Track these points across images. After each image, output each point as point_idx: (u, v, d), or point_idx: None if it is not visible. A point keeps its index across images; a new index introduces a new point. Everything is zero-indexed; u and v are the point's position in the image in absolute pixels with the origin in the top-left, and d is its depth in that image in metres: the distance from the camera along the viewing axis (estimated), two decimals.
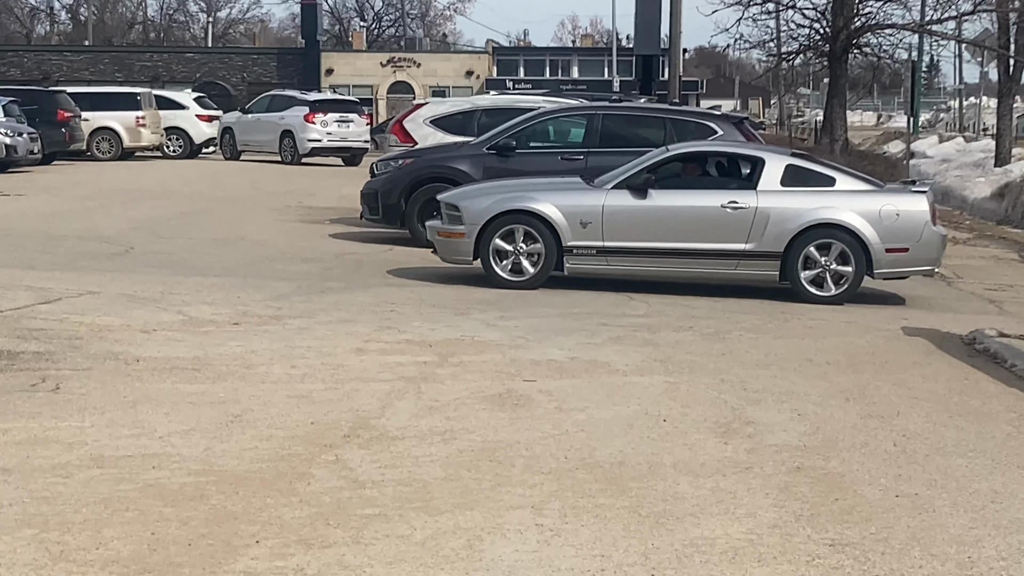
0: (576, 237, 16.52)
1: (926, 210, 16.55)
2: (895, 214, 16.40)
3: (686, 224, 16.50)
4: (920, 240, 16.48)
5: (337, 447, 8.56)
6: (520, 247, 16.62)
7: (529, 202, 16.70)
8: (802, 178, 16.64)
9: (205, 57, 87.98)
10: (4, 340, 11.73)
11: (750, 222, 16.36)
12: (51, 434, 8.67)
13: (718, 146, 18.51)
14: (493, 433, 9.06)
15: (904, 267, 16.67)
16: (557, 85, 76.78)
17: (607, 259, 16.62)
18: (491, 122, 23.41)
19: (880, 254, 16.30)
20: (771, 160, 16.83)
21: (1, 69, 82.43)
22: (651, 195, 16.58)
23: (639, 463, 8.40)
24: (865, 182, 17.10)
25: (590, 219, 16.52)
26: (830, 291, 16.32)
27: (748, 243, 16.38)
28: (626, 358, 11.96)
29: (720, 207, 16.43)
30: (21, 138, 36.89)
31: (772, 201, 16.40)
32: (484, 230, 16.64)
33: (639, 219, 16.55)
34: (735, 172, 17.17)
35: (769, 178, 16.56)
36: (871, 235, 16.27)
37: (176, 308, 13.92)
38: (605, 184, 16.85)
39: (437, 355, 11.83)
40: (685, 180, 17.04)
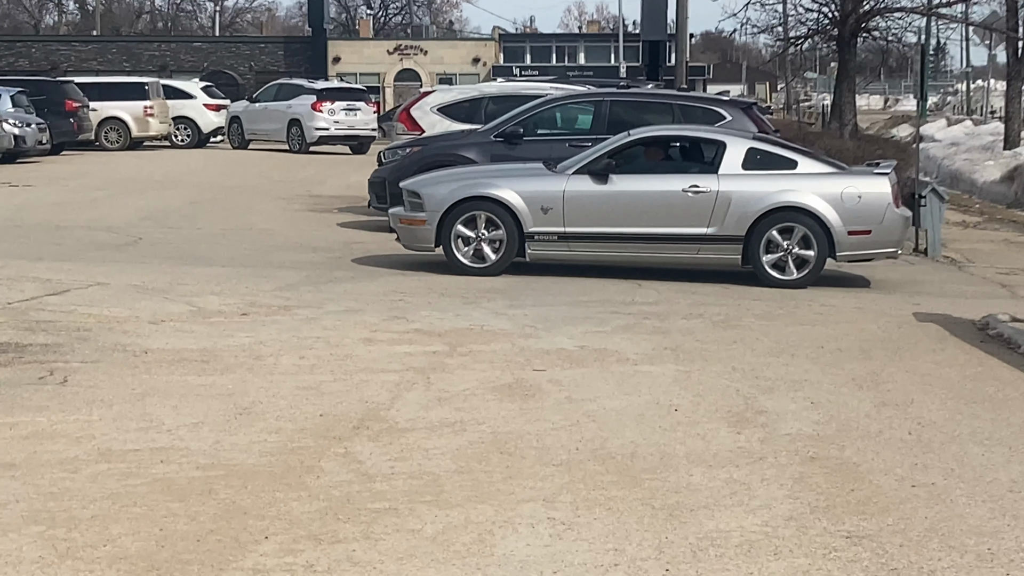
0: (538, 223, 16.46)
1: (888, 192, 16.45)
2: (857, 196, 16.31)
3: (647, 209, 16.45)
4: (883, 223, 16.39)
5: (346, 439, 8.49)
6: (482, 233, 16.54)
7: (490, 188, 16.63)
8: (764, 161, 16.56)
9: (212, 46, 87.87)
10: (12, 332, 11.67)
11: (711, 206, 16.29)
12: (58, 428, 8.60)
13: (679, 130, 18.50)
14: (503, 424, 8.98)
15: (867, 250, 16.59)
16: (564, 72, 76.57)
17: (569, 245, 16.57)
18: (498, 109, 23.31)
19: (842, 237, 16.21)
20: (732, 143, 16.75)
21: (10, 59, 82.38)
22: (612, 180, 16.54)
23: (651, 454, 8.31)
24: (827, 164, 17.02)
25: (551, 205, 16.46)
26: (792, 275, 16.24)
27: (710, 227, 16.31)
28: (636, 346, 11.88)
29: (681, 191, 16.38)
30: (29, 128, 36.84)
31: (733, 185, 16.33)
32: (445, 217, 16.56)
33: (600, 204, 16.51)
34: (697, 156, 17.10)
35: (730, 161, 16.48)
36: (833, 218, 16.18)
37: (184, 299, 13.85)
38: (566, 170, 16.81)
39: (446, 345, 11.75)
40: (646, 164, 17.01)
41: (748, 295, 15.39)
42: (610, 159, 16.68)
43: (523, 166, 17.87)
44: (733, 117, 20.38)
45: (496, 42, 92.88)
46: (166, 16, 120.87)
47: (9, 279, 14.76)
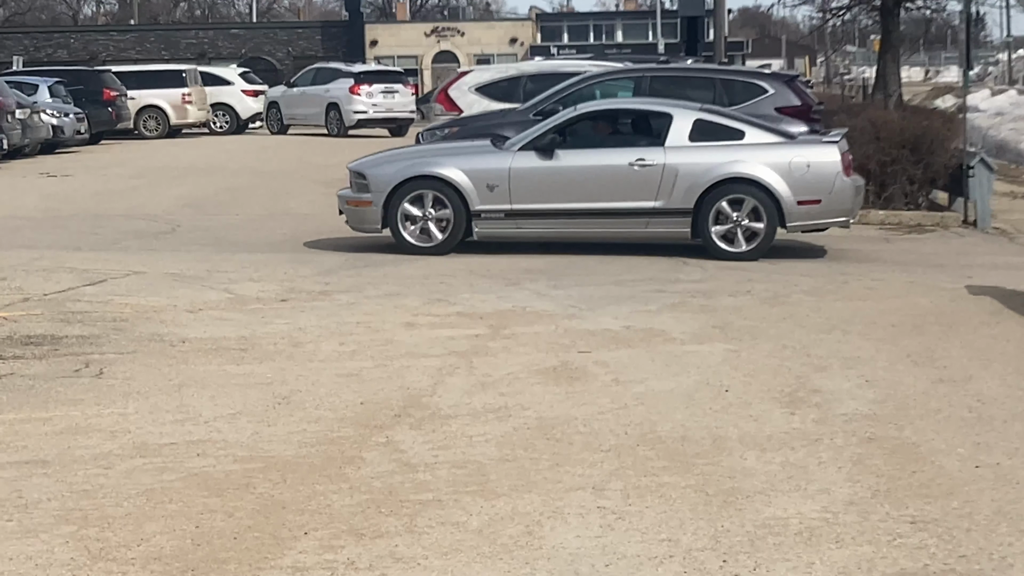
0: (484, 201, 16.20)
1: (837, 161, 16.11)
2: (805, 165, 16.01)
3: (594, 184, 16.20)
4: (832, 191, 16.07)
5: (388, 428, 8.24)
6: (429, 213, 16.28)
7: (434, 167, 16.39)
8: (711, 132, 16.27)
9: (250, 33, 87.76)
10: (48, 324, 11.48)
11: (658, 179, 16.03)
12: (93, 422, 8.38)
13: (625, 103, 18.28)
14: (549, 409, 8.72)
15: (817, 219, 16.27)
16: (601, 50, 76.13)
17: (516, 222, 16.33)
18: (537, 88, 23.05)
19: (792, 207, 15.92)
20: (679, 115, 16.45)
21: (48, 51, 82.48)
22: (558, 155, 16.28)
23: (703, 437, 8.04)
24: (776, 134, 16.66)
25: (497, 182, 16.21)
26: (742, 247, 15.97)
27: (657, 200, 16.04)
28: (683, 325, 11.60)
29: (628, 165, 16.12)
30: (68, 119, 36.75)
31: (680, 157, 16.05)
32: (391, 197, 16.30)
33: (546, 180, 16.25)
34: (645, 129, 16.80)
35: (677, 134, 16.21)
36: (782, 188, 15.90)
37: (223, 286, 13.64)
38: (513, 146, 16.56)
39: (488, 327, 11.50)
40: (593, 139, 16.75)
41: (796, 270, 15.07)
42: (556, 134, 16.45)
43: (470, 144, 17.68)
44: (775, 90, 20.07)
45: (533, 22, 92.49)
46: (203, 4, 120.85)
47: (46, 270, 14.58)
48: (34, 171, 29.77)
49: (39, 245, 16.77)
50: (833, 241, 17.65)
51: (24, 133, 33.10)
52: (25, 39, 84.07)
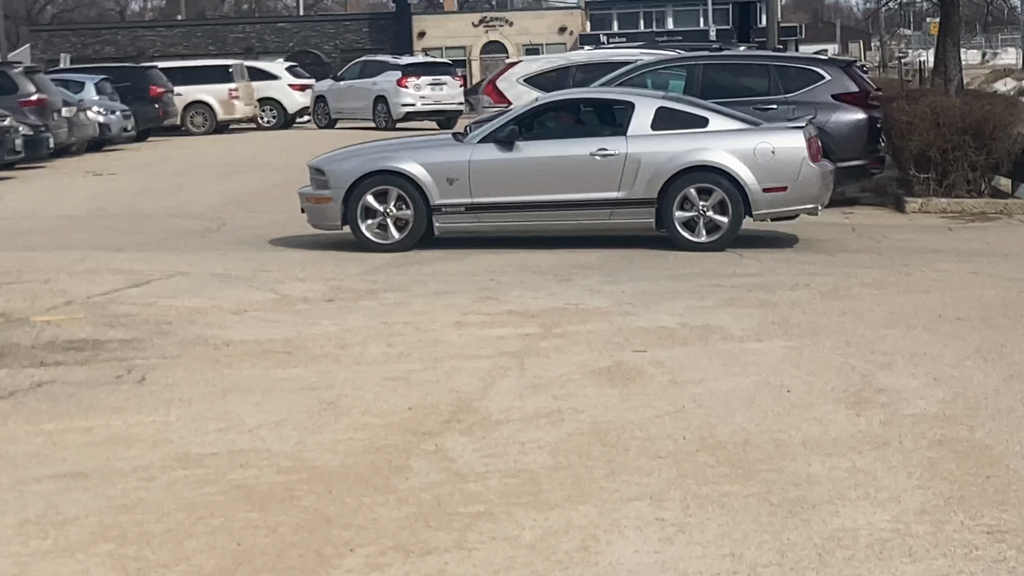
0: (444, 195, 15.89)
1: (803, 146, 15.77)
2: (770, 152, 15.67)
3: (555, 175, 15.90)
4: (799, 178, 15.73)
5: (437, 435, 7.96)
6: (389, 209, 15.99)
7: (393, 162, 16.08)
8: (674, 120, 15.96)
9: (297, 26, 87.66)
10: (91, 328, 11.25)
11: (620, 169, 15.73)
12: (134, 431, 8.13)
13: (587, 93, 18.06)
14: (603, 412, 8.41)
15: (784, 207, 15.93)
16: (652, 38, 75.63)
17: (477, 216, 16.04)
18: (587, 78, 22.72)
19: (758, 194, 15.58)
20: (641, 104, 16.17)
21: (96, 47, 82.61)
22: (518, 147, 15.99)
23: (765, 442, 7.71)
24: (740, 120, 16.31)
25: (457, 176, 15.90)
26: (708, 236, 15.65)
27: (620, 191, 15.75)
28: (741, 322, 11.27)
29: (589, 155, 15.82)
30: (114, 116, 36.67)
31: (642, 146, 15.75)
32: (350, 193, 15.99)
33: (507, 173, 15.96)
34: (607, 118, 16.54)
35: (639, 122, 15.92)
36: (746, 175, 15.57)
37: (268, 286, 13.40)
38: (473, 139, 16.30)
39: (540, 326, 11.20)
40: (554, 130, 16.51)
41: (855, 262, 14.69)
42: (515, 126, 16.18)
43: (431, 138, 17.58)
44: (832, 76, 19.70)
45: (582, 10, 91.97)
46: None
47: (90, 271, 14.37)
48: (80, 170, 29.67)
49: (83, 246, 16.58)
50: (894, 231, 17.29)
51: (70, 131, 33.02)
52: (72, 36, 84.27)
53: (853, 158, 19.65)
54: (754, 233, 16.22)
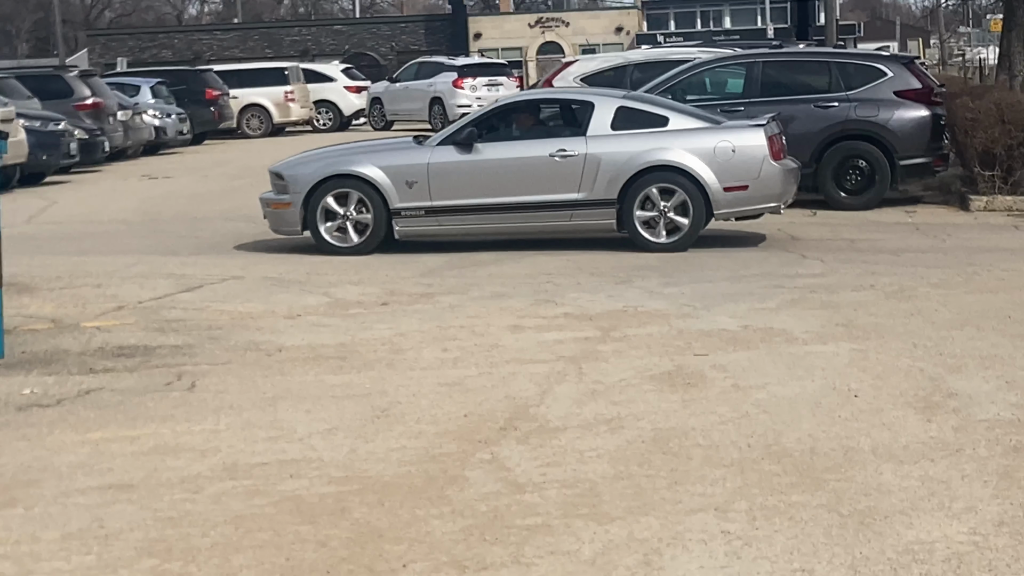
0: (404, 199, 15.69)
1: (763, 145, 15.49)
2: (731, 150, 15.42)
3: (515, 176, 15.68)
4: (760, 176, 15.47)
5: (493, 443, 7.72)
6: (348, 212, 15.79)
7: (352, 165, 15.89)
8: (634, 120, 15.73)
9: (353, 28, 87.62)
10: (141, 334, 11.09)
11: (580, 170, 15.50)
12: (183, 440, 7.93)
13: (546, 93, 17.91)
14: (664, 419, 8.15)
15: (746, 206, 15.66)
16: (709, 36, 75.24)
17: (437, 219, 15.83)
18: (644, 77, 22.43)
19: (718, 194, 15.35)
20: (601, 103, 15.93)
21: (153, 51, 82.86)
22: (477, 149, 15.79)
23: (832, 449, 7.43)
24: (700, 119, 16.06)
25: (415, 178, 15.70)
26: (669, 237, 15.44)
27: (580, 192, 15.51)
28: (804, 323, 10.98)
29: (548, 156, 15.59)
30: (170, 119, 36.67)
31: (602, 146, 15.52)
32: (309, 197, 15.79)
33: (466, 175, 15.75)
34: (567, 119, 16.34)
35: (599, 122, 15.68)
36: (707, 174, 15.32)
37: (322, 290, 13.21)
38: (432, 142, 16.13)
39: (598, 329, 10.95)
40: (515, 131, 16.30)
41: (920, 262, 14.35)
42: (474, 127, 15.98)
43: (391, 141, 17.43)
44: (894, 73, 19.35)
45: (639, 10, 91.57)
46: (307, 1, 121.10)
47: (142, 276, 14.23)
48: (135, 173, 29.63)
49: (136, 250, 16.44)
50: (958, 229, 16.96)
51: (126, 135, 33.00)
52: (130, 40, 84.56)
53: (916, 155, 19.31)
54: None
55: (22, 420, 8.48)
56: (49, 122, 27.56)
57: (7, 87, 28.90)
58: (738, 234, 16.51)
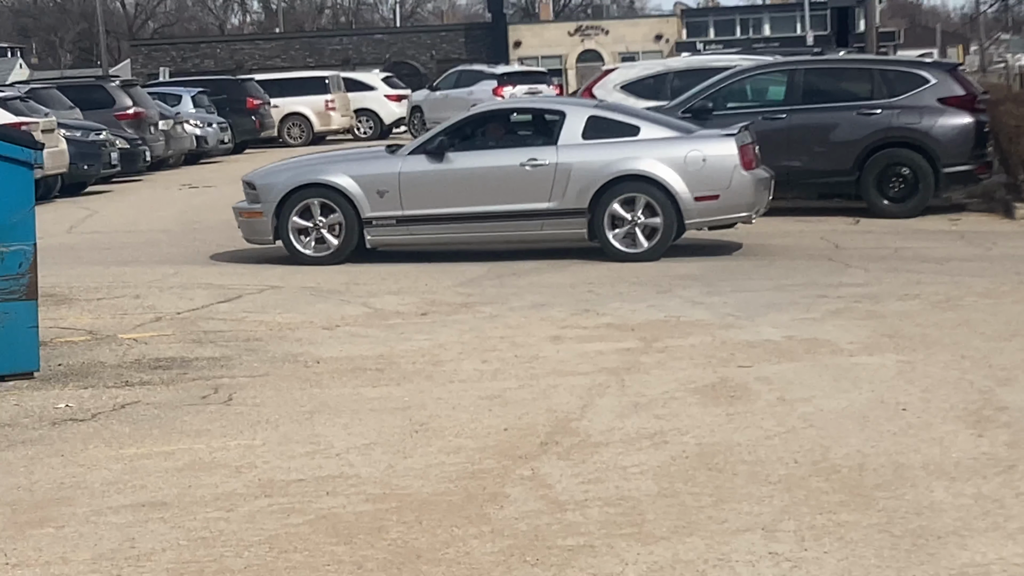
0: (375, 208, 15.65)
1: (734, 154, 15.35)
2: (701, 160, 15.31)
3: (486, 186, 15.61)
4: (730, 186, 15.33)
5: (533, 458, 7.56)
6: (319, 222, 15.75)
7: (323, 174, 15.86)
8: (605, 129, 15.64)
9: (394, 37, 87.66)
10: (178, 346, 10.98)
11: (551, 179, 15.42)
12: (218, 456, 7.80)
13: (517, 103, 18.02)
14: (709, 434, 7.98)
15: (717, 215, 15.54)
16: (749, 43, 74.87)
17: (408, 228, 15.75)
18: (685, 84, 22.25)
19: (689, 203, 15.23)
20: (572, 113, 15.85)
21: (195, 61, 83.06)
22: (449, 158, 15.75)
23: (882, 465, 7.24)
24: (672, 129, 15.93)
25: (387, 188, 15.65)
26: (641, 247, 15.33)
27: (551, 201, 15.44)
28: (850, 334, 10.78)
29: (519, 165, 15.53)
30: (211, 128, 36.68)
31: (573, 156, 15.44)
32: (281, 207, 15.75)
33: (437, 184, 15.68)
34: (538, 129, 16.26)
35: (570, 132, 15.60)
36: (677, 184, 15.22)
37: (361, 300, 13.10)
38: (404, 151, 16.06)
39: (640, 340, 10.78)
40: (486, 140, 16.18)
41: (964, 270, 14.12)
42: (445, 137, 15.95)
43: (363, 150, 17.50)
44: (937, 80, 19.10)
45: (678, 18, 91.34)
46: (348, 10, 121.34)
47: (181, 286, 14.14)
48: (176, 182, 29.62)
49: (176, 259, 16.36)
50: (1004, 238, 16.71)
51: (167, 144, 33.02)
52: (172, 50, 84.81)
53: (960, 163, 19.04)
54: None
55: (56, 435, 8.37)
56: (90, 132, 27.59)
57: (48, 97, 28.98)
58: (780, 243, 16.31)
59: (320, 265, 15.47)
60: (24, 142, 9.86)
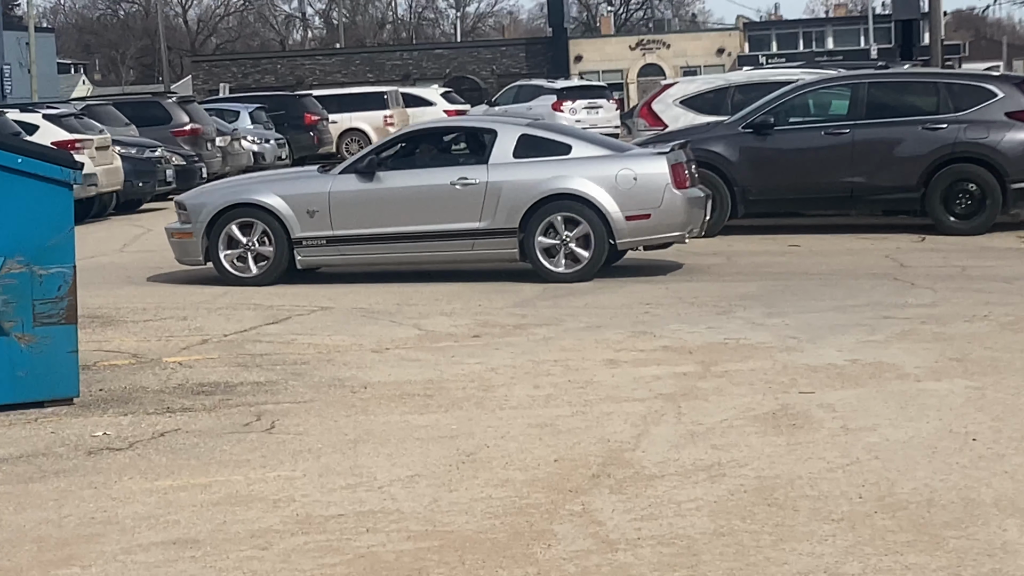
0: (305, 228, 15.45)
1: (665, 173, 15.05)
2: (632, 179, 15.01)
3: (416, 205, 15.39)
4: (662, 206, 15.03)
5: (584, 492, 7.22)
6: (251, 243, 15.55)
7: (253, 194, 15.70)
8: (537, 148, 15.40)
9: (454, 52, 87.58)
10: (223, 370, 10.71)
11: (482, 198, 15.18)
12: (256, 489, 7.50)
13: (449, 122, 17.84)
14: (768, 466, 7.61)
15: (649, 235, 15.28)
16: (811, 57, 74.35)
17: (339, 249, 15.52)
18: (746, 99, 21.87)
19: (620, 223, 14.95)
20: (504, 131, 15.61)
21: (256, 77, 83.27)
22: (379, 178, 15.53)
23: (951, 501, 6.86)
24: (604, 147, 15.69)
25: (317, 207, 15.44)
26: (572, 267, 15.08)
27: (482, 220, 15.21)
28: (916, 358, 10.39)
29: (450, 184, 15.30)
30: (268, 144, 36.56)
31: (504, 174, 15.19)
32: (211, 227, 15.55)
33: (367, 204, 15.46)
34: (470, 147, 16.05)
35: (501, 150, 15.35)
36: (608, 203, 14.94)
37: (412, 321, 12.80)
38: (335, 170, 15.86)
39: (698, 364, 10.43)
40: (417, 160, 16.02)
41: None
42: (375, 156, 15.74)
43: (296, 170, 17.43)
44: (1005, 93, 18.63)
45: (740, 31, 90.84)
46: (409, 25, 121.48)
47: (230, 307, 13.90)
48: None
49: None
50: None
51: (224, 160, 32.88)
52: (233, 66, 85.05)
53: None
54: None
55: (91, 465, 8.10)
56: (145, 149, 27.47)
57: (104, 114, 28.87)
58: (843, 261, 15.92)
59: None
60: (62, 161, 9.62)
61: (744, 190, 18.99)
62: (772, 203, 19.29)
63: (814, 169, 18.84)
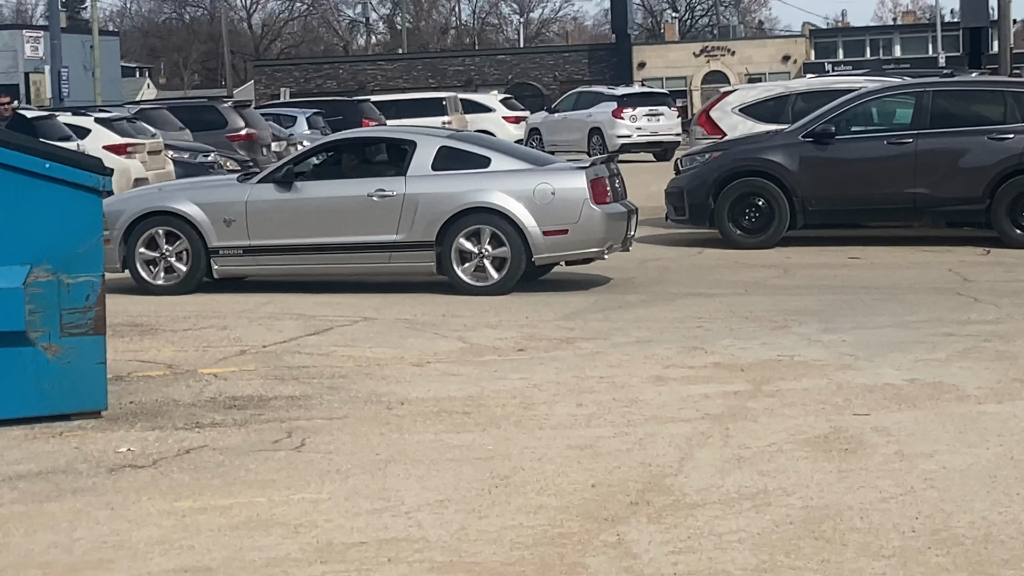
0: (222, 237, 15.26)
1: (584, 188, 14.77)
2: (550, 193, 14.75)
3: (333, 216, 15.18)
4: (579, 221, 14.76)
5: (620, 521, 6.84)
6: (166, 251, 15.33)
7: (168, 202, 15.49)
8: (455, 160, 15.21)
9: (516, 58, 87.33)
10: (259, 383, 10.40)
11: (399, 210, 14.98)
12: (278, 512, 7.15)
13: (370, 132, 17.71)
14: (817, 494, 7.21)
15: (567, 250, 15.03)
16: (878, 65, 73.60)
17: (255, 259, 15.31)
18: (807, 107, 21.43)
19: (537, 238, 14.71)
20: (423, 143, 15.43)
21: (318, 82, 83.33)
22: (297, 188, 15.32)
23: (1011, 537, 6.44)
24: (524, 160, 15.37)
25: (234, 216, 15.23)
26: (489, 280, 14.83)
27: (399, 233, 15.00)
28: (978, 378, 9.96)
29: (367, 196, 15.11)
30: None
31: (421, 187, 15.01)
32: (128, 235, 15.36)
33: (284, 214, 15.27)
34: (389, 159, 15.84)
35: (420, 162, 15.18)
36: (525, 217, 14.71)
37: (456, 333, 12.46)
38: (253, 179, 15.62)
39: (749, 382, 10.03)
40: (336, 170, 15.88)
41: None
42: (292, 165, 15.57)
43: (214, 178, 17.14)
44: None
45: (807, 38, 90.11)
46: (472, 31, 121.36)
47: (271, 316, 13.60)
48: None
49: (269, 287, 15.76)
50: None
51: None
52: (295, 71, 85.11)
53: None
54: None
55: (110, 484, 7.78)
56: (198, 153, 27.28)
57: (158, 118, 28.73)
58: (904, 275, 15.47)
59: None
60: (92, 167, 9.35)
61: (803, 200, 18.55)
62: (832, 214, 18.85)
63: (876, 179, 18.39)
